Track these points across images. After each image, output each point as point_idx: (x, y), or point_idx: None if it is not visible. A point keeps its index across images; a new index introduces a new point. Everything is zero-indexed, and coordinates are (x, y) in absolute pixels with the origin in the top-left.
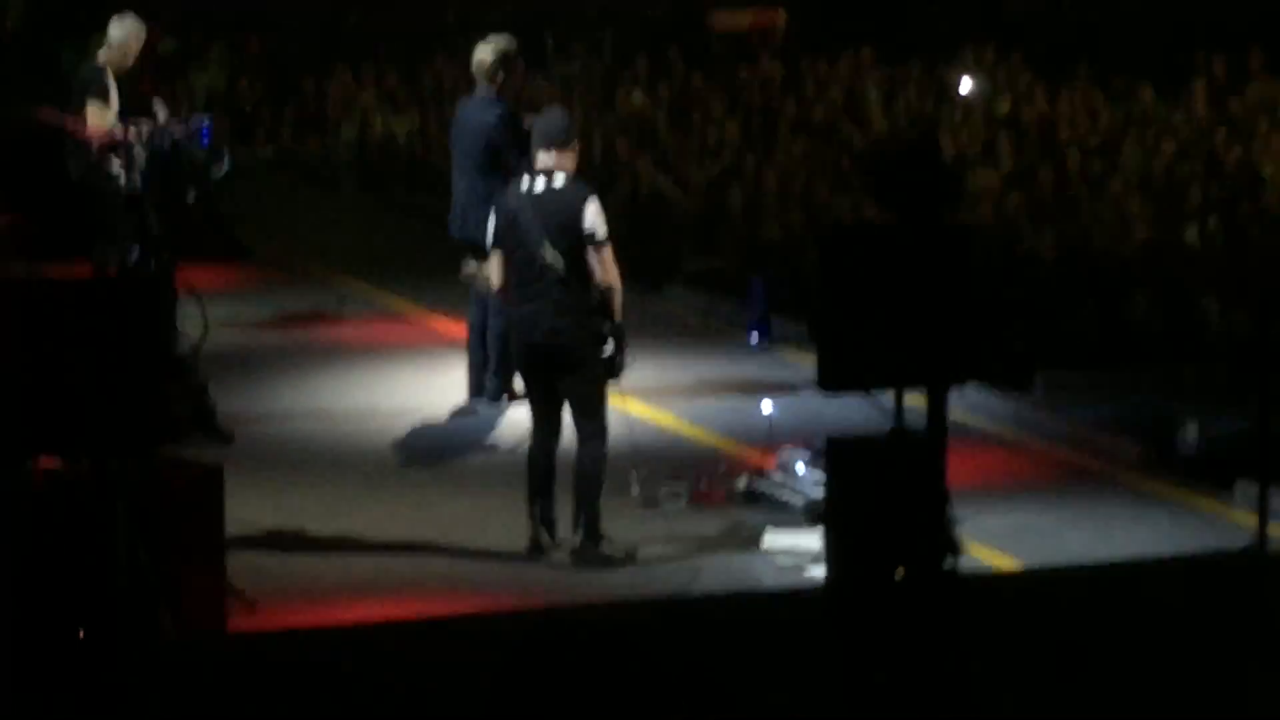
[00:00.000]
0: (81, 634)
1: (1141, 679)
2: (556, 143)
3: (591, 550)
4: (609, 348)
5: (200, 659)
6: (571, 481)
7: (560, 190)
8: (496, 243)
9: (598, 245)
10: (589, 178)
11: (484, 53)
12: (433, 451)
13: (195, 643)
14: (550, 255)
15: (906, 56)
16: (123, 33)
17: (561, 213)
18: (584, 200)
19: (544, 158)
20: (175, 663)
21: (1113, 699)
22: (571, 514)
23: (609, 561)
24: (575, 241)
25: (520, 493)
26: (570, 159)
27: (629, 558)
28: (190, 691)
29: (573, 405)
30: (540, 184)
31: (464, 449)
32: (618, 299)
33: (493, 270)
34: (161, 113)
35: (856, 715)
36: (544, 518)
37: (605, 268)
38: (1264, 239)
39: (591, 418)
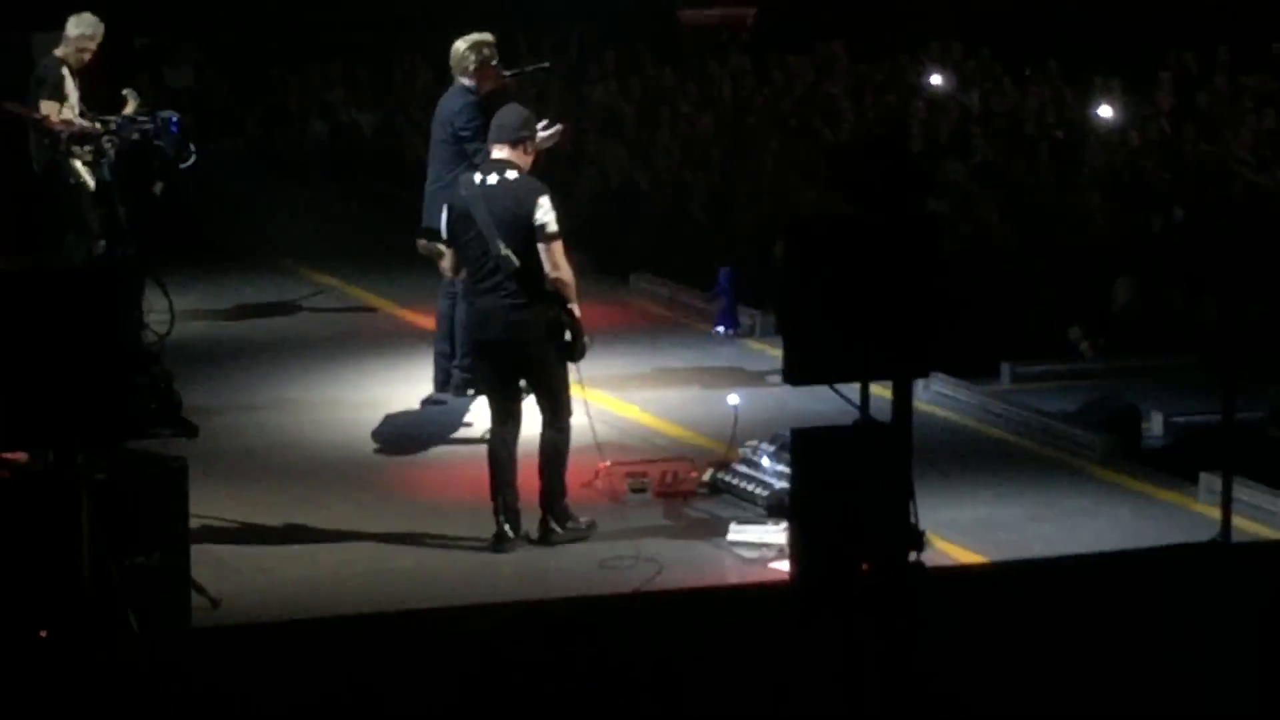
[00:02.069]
0: (44, 631)
1: (1106, 672)
2: (511, 139)
3: (558, 530)
4: (567, 336)
5: (164, 655)
6: (537, 463)
7: (512, 184)
8: (450, 235)
9: (548, 240)
10: (555, 171)
11: (459, 45)
12: (398, 444)
13: (159, 638)
14: (503, 249)
15: (876, 51)
16: (79, 29)
17: (513, 207)
18: (536, 195)
19: (497, 152)
20: (139, 659)
21: (1078, 692)
22: (538, 498)
23: (572, 539)
24: (527, 236)
25: (485, 484)
26: (523, 156)
27: (590, 527)
28: (154, 688)
29: (536, 395)
30: (493, 178)
31: (429, 441)
32: (570, 290)
33: (447, 263)
34: (132, 102)
35: (822, 709)
36: (507, 509)
37: (555, 262)
38: (1229, 231)
39: (554, 402)
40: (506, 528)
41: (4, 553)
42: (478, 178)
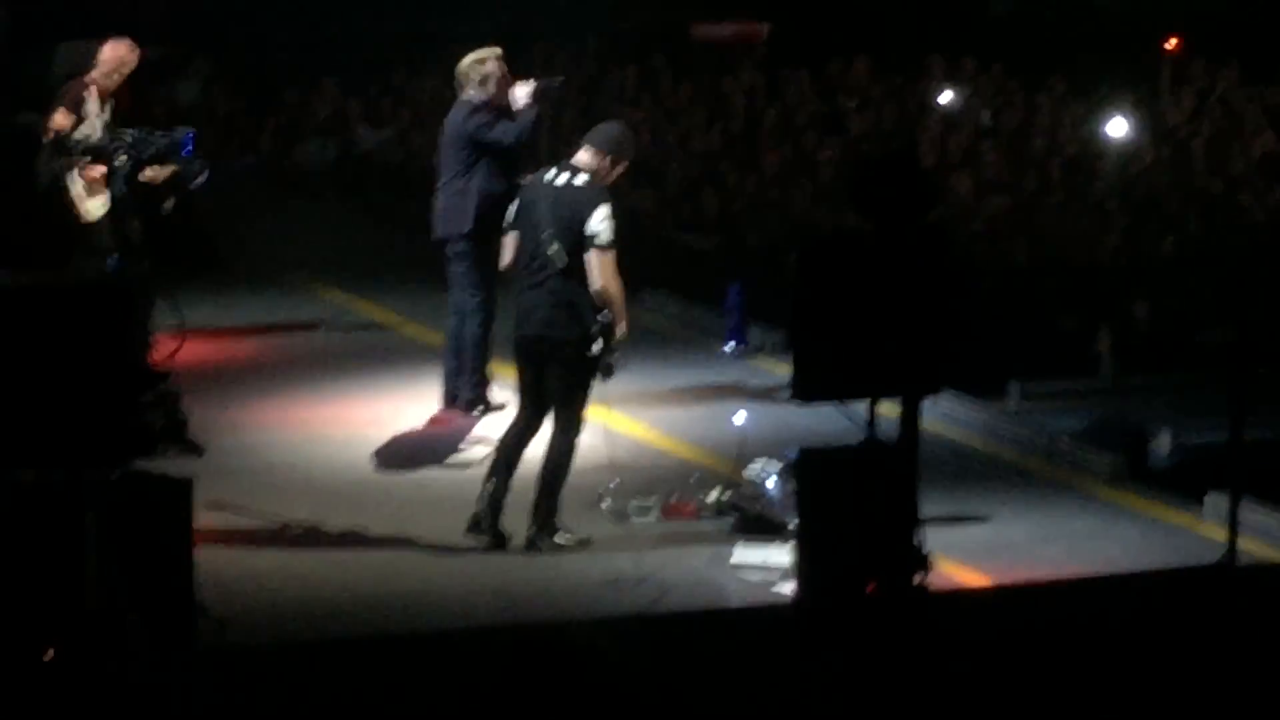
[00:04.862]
0: (50, 651)
1: (1113, 694)
2: (601, 146)
3: (545, 541)
4: (596, 347)
5: (169, 675)
6: (538, 470)
7: (578, 188)
8: (512, 224)
9: (599, 249)
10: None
11: (464, 60)
12: (406, 462)
13: (164, 659)
14: (553, 248)
15: (889, 67)
16: (115, 54)
17: (571, 209)
18: (596, 203)
19: (582, 154)
20: (144, 679)
21: (1083, 715)
22: (531, 502)
23: (560, 551)
24: (578, 240)
25: None
26: (603, 169)
27: (581, 544)
28: (159, 709)
29: (553, 396)
30: (563, 178)
31: (436, 460)
32: (615, 304)
33: (505, 250)
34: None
35: None
36: (492, 498)
37: (601, 272)
38: (1240, 248)
39: (567, 411)
40: (483, 513)
41: (10, 572)
42: (549, 174)
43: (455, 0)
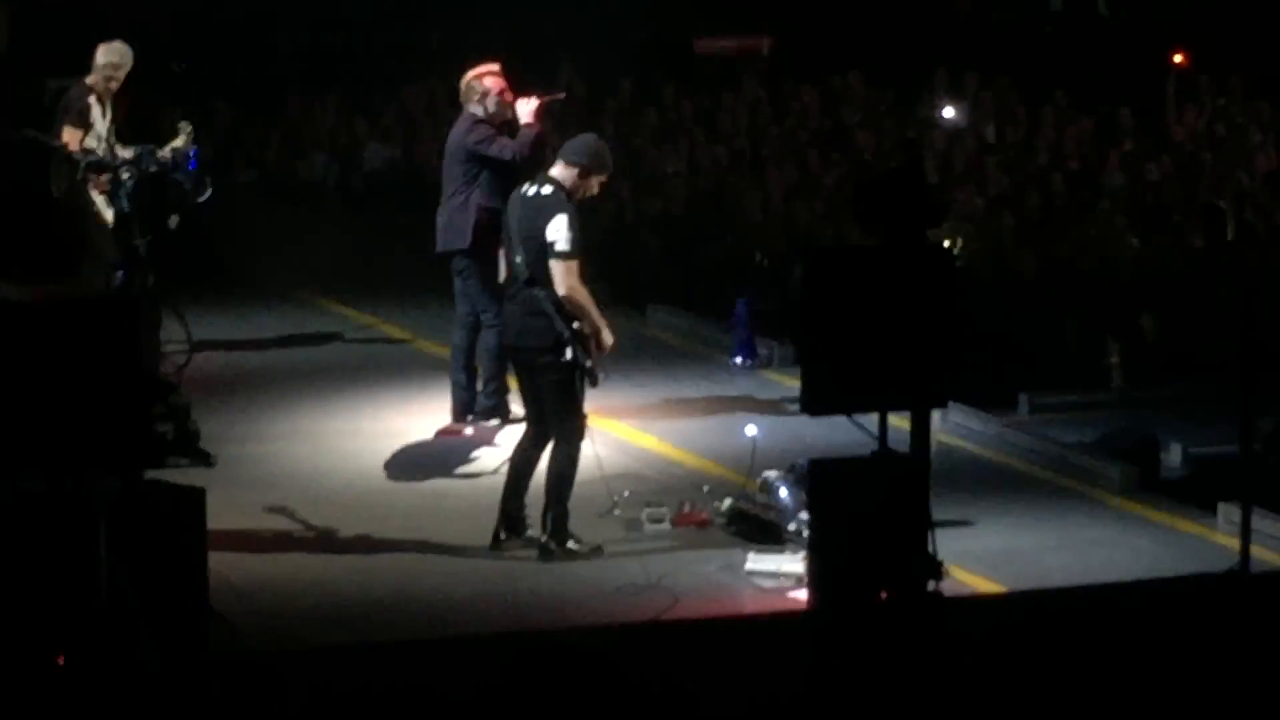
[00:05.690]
0: (61, 658)
1: (1125, 702)
2: (567, 158)
3: (557, 549)
4: (569, 354)
5: (182, 683)
6: (545, 480)
7: (541, 198)
8: (503, 238)
9: (556, 258)
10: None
11: (465, 76)
12: (416, 472)
13: (176, 666)
14: (519, 257)
15: (892, 81)
16: (107, 58)
17: (533, 219)
18: (553, 212)
19: (553, 168)
20: (156, 687)
21: None
22: (542, 511)
23: (573, 558)
24: (540, 250)
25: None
26: (571, 180)
27: (594, 551)
28: (170, 714)
29: (545, 410)
30: (532, 189)
31: (447, 471)
32: (584, 311)
33: (501, 264)
34: (184, 136)
35: None
36: (505, 514)
37: (559, 279)
38: (1247, 259)
39: (558, 419)
40: (502, 533)
41: (23, 580)
42: (523, 187)
43: (460, 14)
